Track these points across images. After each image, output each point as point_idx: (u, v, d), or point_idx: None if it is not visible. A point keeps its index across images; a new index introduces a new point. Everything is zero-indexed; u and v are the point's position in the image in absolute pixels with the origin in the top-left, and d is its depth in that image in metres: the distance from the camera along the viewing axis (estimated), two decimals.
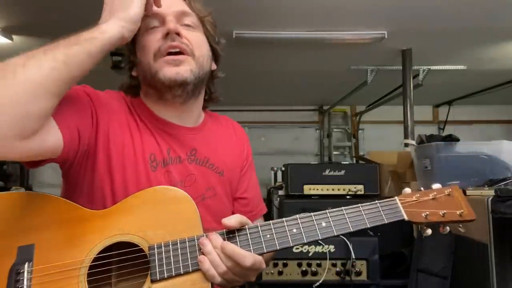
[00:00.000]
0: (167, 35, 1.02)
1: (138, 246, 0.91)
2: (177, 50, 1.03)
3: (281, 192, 2.99)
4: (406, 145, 3.53)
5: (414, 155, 2.76)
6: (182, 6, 1.09)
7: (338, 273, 2.05)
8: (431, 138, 2.83)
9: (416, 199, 0.96)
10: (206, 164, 1.09)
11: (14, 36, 3.25)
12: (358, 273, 2.06)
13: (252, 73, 4.56)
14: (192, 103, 1.10)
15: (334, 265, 2.07)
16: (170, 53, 1.02)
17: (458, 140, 2.62)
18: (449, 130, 5.23)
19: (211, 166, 1.10)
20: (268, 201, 3.87)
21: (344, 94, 5.22)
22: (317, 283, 1.99)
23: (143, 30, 1.04)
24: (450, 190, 0.98)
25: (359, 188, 2.59)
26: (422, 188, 1.00)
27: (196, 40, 1.06)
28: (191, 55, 1.04)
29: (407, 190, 0.99)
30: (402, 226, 2.38)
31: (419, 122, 4.48)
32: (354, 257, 2.06)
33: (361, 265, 2.07)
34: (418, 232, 2.16)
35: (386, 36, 3.23)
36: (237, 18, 3.01)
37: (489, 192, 1.72)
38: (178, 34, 1.03)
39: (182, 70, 1.02)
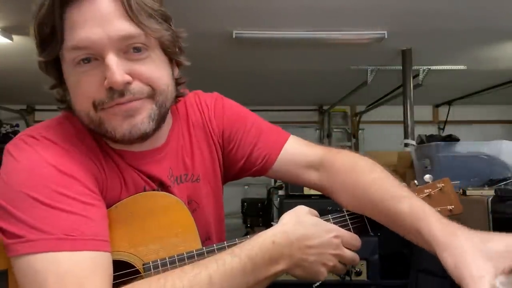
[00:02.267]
0: (110, 88, 0.75)
1: (129, 264, 0.80)
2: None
3: (281, 192, 2.99)
4: (406, 145, 3.53)
5: (414, 155, 2.76)
6: (121, 23, 0.75)
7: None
8: (431, 138, 2.83)
9: None
10: (182, 178, 0.94)
11: (14, 36, 3.25)
12: (358, 273, 2.06)
13: (252, 73, 4.56)
14: (158, 131, 0.87)
15: None
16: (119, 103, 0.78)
17: (458, 140, 2.62)
18: (449, 130, 5.23)
19: (186, 176, 0.95)
20: (268, 201, 3.89)
21: (344, 94, 5.22)
22: (317, 283, 1.98)
23: (69, 60, 0.77)
24: (442, 184, 0.99)
25: None
26: (416, 182, 1.00)
27: (152, 74, 0.79)
28: (150, 97, 0.80)
29: None
30: None
31: (419, 122, 4.48)
32: None
33: (361, 265, 2.07)
34: None
35: (386, 36, 3.23)
36: (237, 18, 3.01)
37: (489, 192, 1.73)
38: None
39: (138, 121, 0.79)
